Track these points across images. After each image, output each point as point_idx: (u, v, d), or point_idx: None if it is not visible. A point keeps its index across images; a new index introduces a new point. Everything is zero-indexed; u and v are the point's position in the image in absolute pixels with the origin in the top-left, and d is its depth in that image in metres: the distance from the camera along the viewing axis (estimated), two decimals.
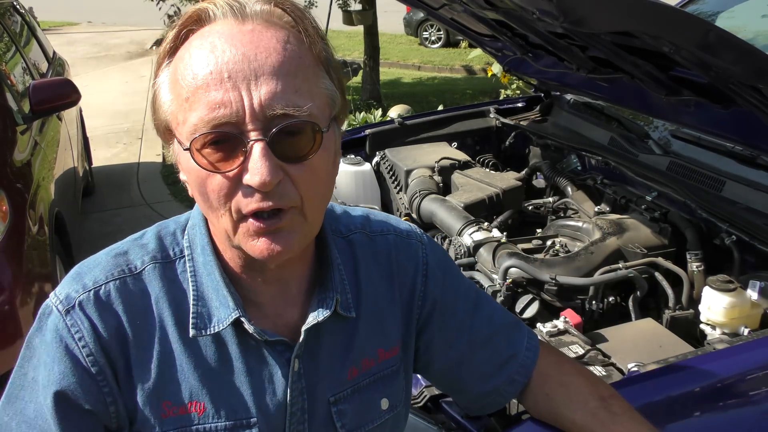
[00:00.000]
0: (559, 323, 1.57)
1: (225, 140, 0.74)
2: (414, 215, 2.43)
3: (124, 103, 8.17)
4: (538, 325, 1.57)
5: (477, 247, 1.99)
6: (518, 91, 5.42)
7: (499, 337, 1.06)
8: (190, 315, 0.85)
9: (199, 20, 0.78)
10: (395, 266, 1.00)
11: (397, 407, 0.99)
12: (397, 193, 2.64)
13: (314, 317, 0.88)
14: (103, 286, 0.84)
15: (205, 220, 0.87)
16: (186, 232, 0.90)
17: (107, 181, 5.66)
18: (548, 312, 1.78)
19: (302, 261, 0.90)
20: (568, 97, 2.88)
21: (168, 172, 5.71)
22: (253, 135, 0.73)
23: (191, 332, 0.84)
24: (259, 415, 0.87)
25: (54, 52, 5.29)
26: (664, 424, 1.18)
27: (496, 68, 5.01)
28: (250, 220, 0.77)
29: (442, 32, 12.52)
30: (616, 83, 2.22)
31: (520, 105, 3.15)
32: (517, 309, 1.75)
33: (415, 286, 1.01)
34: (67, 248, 3.28)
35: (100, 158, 6.10)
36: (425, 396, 1.46)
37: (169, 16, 6.59)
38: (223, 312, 0.85)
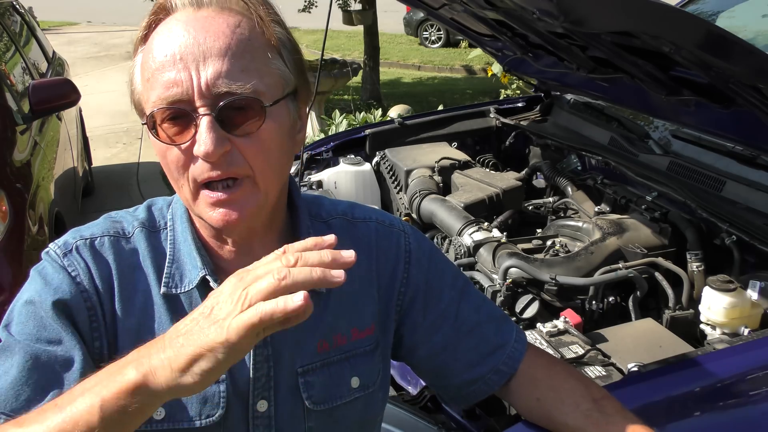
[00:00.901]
0: (559, 323, 1.57)
1: (179, 116, 0.82)
2: (414, 215, 2.42)
3: (124, 103, 8.11)
4: (538, 325, 1.57)
5: (477, 247, 1.98)
6: (518, 91, 5.42)
7: (487, 326, 1.08)
8: (164, 275, 0.92)
9: (164, 10, 0.86)
10: (375, 252, 1.03)
11: (369, 387, 1.01)
12: (397, 193, 2.64)
13: None
14: (99, 238, 0.92)
15: None
16: (171, 206, 0.98)
17: (107, 181, 5.66)
18: (548, 312, 1.78)
19: (270, 232, 0.95)
20: (568, 97, 2.88)
21: None
22: (201, 110, 0.81)
23: (162, 289, 0.92)
24: (227, 374, 0.90)
25: (54, 52, 5.29)
26: (664, 424, 1.18)
27: (496, 68, 5.01)
28: (206, 191, 0.84)
29: (442, 32, 12.53)
30: (616, 83, 2.22)
31: (520, 105, 3.15)
32: (517, 309, 1.75)
33: (396, 273, 1.04)
34: None
35: (100, 158, 6.10)
36: (425, 396, 1.47)
37: None
38: (194, 273, 0.92)
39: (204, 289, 0.92)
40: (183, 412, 0.89)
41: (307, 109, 0.98)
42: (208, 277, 0.91)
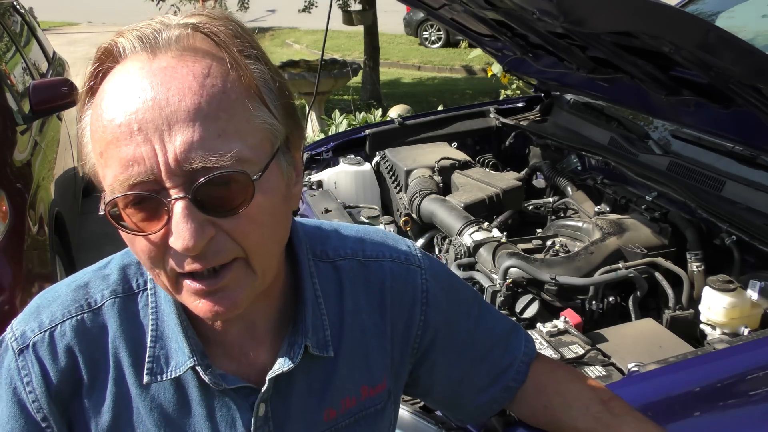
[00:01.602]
0: (559, 323, 1.57)
1: (146, 200, 0.66)
2: (414, 215, 2.42)
3: None
4: (538, 325, 1.57)
5: (477, 247, 1.98)
6: (518, 91, 5.42)
7: (498, 348, 1.02)
8: (146, 358, 0.79)
9: (112, 56, 0.69)
10: (390, 296, 0.92)
11: None
12: (397, 193, 2.64)
13: (280, 366, 0.81)
14: (59, 326, 0.79)
15: None
16: None
17: None
18: (548, 312, 1.78)
19: (268, 298, 0.82)
20: (568, 97, 2.88)
21: None
22: (173, 193, 0.65)
23: (145, 378, 0.79)
24: None
25: (54, 52, 5.29)
26: (664, 424, 1.18)
27: (496, 68, 5.01)
28: (187, 280, 0.70)
29: (442, 32, 12.52)
30: (616, 83, 2.22)
31: (520, 105, 3.15)
32: (517, 309, 1.75)
33: (413, 317, 0.94)
34: (67, 248, 3.28)
35: None
36: None
37: None
38: (180, 357, 0.79)
39: (194, 374, 0.80)
40: None
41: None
42: (198, 368, 0.79)
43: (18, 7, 4.81)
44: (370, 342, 0.90)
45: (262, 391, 0.81)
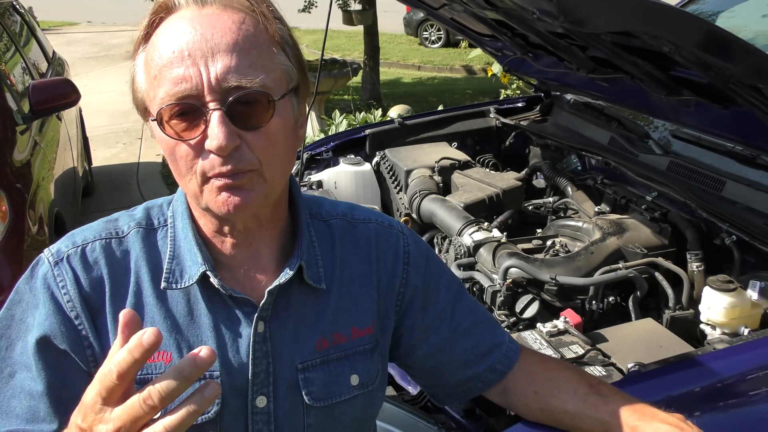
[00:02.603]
0: (559, 323, 1.57)
1: (188, 112, 0.82)
2: (414, 215, 2.43)
3: (124, 103, 8.16)
4: (538, 325, 1.57)
5: (477, 247, 1.99)
6: (518, 91, 5.42)
7: (483, 327, 1.11)
8: (164, 271, 0.93)
9: (167, 8, 0.86)
10: (375, 252, 1.04)
11: (368, 386, 1.01)
12: (397, 193, 2.64)
13: (278, 280, 0.93)
14: (90, 244, 0.93)
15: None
16: (171, 204, 0.98)
17: (107, 181, 5.66)
18: (548, 312, 1.78)
19: (271, 227, 0.96)
20: (568, 97, 2.88)
21: (168, 171, 5.70)
22: (211, 105, 0.81)
23: (162, 284, 0.92)
24: (223, 370, 0.92)
25: (54, 52, 5.29)
26: None
27: (496, 68, 5.01)
28: (213, 179, 0.84)
29: (442, 32, 12.53)
30: (616, 83, 2.22)
31: (520, 105, 3.15)
32: (517, 309, 1.75)
33: (396, 273, 1.05)
34: None
35: (100, 158, 6.10)
36: (425, 396, 1.47)
37: None
38: (194, 269, 0.92)
39: (204, 284, 0.92)
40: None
41: (307, 109, 1.00)
42: (208, 273, 0.91)
43: (18, 7, 4.81)
44: (359, 289, 1.02)
45: (261, 305, 0.92)
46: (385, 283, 1.04)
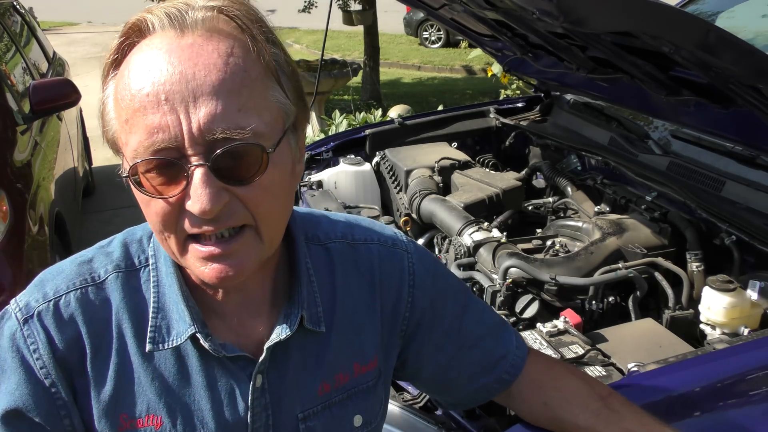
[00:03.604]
0: (559, 323, 1.57)
1: (167, 165, 0.71)
2: (414, 215, 2.43)
3: None
4: (538, 325, 1.57)
5: (477, 247, 1.99)
6: (518, 91, 5.42)
7: (489, 338, 1.04)
8: (148, 328, 0.83)
9: (139, 31, 0.74)
10: (378, 276, 0.96)
11: (371, 424, 0.96)
12: (397, 193, 2.64)
13: (277, 335, 0.85)
14: (63, 296, 0.82)
15: None
16: (152, 240, 0.87)
17: (107, 181, 5.65)
18: (548, 312, 1.78)
19: (265, 270, 0.86)
20: (568, 97, 2.88)
21: None
22: (194, 160, 0.70)
23: (147, 346, 0.82)
24: (219, 430, 0.85)
25: (54, 52, 5.29)
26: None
27: (496, 68, 5.01)
28: (196, 244, 0.74)
29: (442, 32, 12.53)
30: (616, 83, 2.22)
31: (520, 105, 3.15)
32: (517, 309, 1.75)
33: (401, 297, 0.97)
34: (67, 248, 3.28)
35: (100, 158, 6.10)
36: (425, 396, 1.47)
37: None
38: (182, 326, 0.82)
39: (195, 343, 0.83)
40: None
41: (306, 138, 0.92)
42: (198, 335, 0.82)
43: (18, 7, 4.81)
44: (361, 319, 0.94)
45: (260, 360, 0.84)
46: (389, 309, 0.97)
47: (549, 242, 2.07)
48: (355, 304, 0.94)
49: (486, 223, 2.14)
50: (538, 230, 2.27)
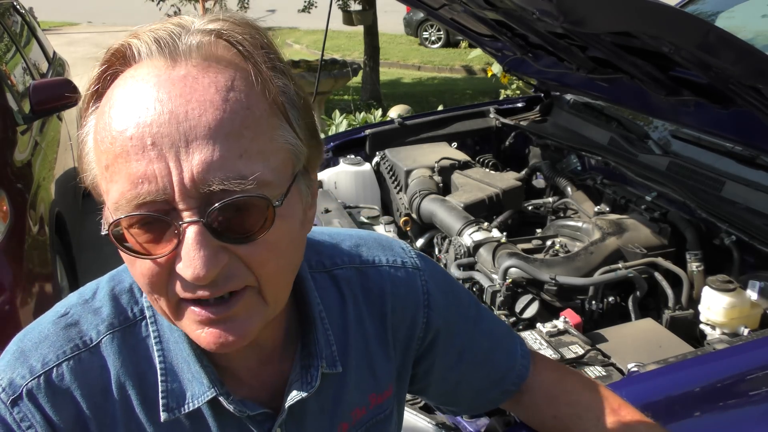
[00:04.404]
0: (559, 323, 1.57)
1: (154, 221, 0.60)
2: (414, 215, 2.43)
3: None
4: (538, 325, 1.57)
5: (477, 247, 1.99)
6: (518, 91, 5.42)
7: (497, 351, 1.01)
8: (160, 393, 0.73)
9: (123, 59, 0.63)
10: (391, 302, 0.89)
11: None
12: (397, 193, 2.64)
13: (297, 392, 0.77)
14: (54, 369, 0.70)
15: None
16: None
17: None
18: (548, 312, 1.78)
19: (274, 322, 0.75)
20: (568, 97, 2.88)
21: None
22: (185, 216, 0.59)
23: (163, 416, 0.72)
24: None
25: (54, 53, 5.29)
26: (664, 424, 1.18)
27: (496, 68, 5.01)
28: (192, 307, 0.64)
29: (442, 32, 12.53)
30: (616, 83, 2.22)
31: (520, 105, 3.15)
32: (517, 309, 1.75)
33: (416, 320, 0.91)
34: (68, 248, 3.28)
35: None
36: None
37: (169, 17, 6.60)
38: (198, 388, 0.73)
39: (213, 404, 0.74)
40: None
41: (319, 180, 0.82)
42: (220, 398, 0.73)
43: (18, 7, 4.81)
44: (374, 350, 0.88)
45: (280, 419, 0.78)
46: (403, 334, 0.91)
47: (549, 242, 2.08)
48: (367, 336, 0.87)
49: (486, 223, 2.14)
50: (538, 230, 2.27)
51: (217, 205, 0.59)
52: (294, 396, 0.77)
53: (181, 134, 0.58)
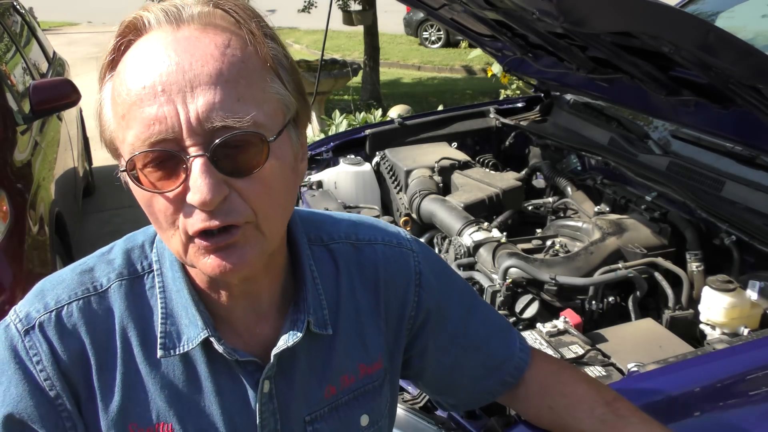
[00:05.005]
0: (559, 323, 1.57)
1: (165, 159, 0.69)
2: (414, 215, 2.43)
3: None
4: (538, 325, 1.57)
5: (477, 247, 1.99)
6: (518, 91, 5.42)
7: (494, 339, 1.04)
8: (158, 334, 0.81)
9: (135, 30, 0.73)
10: (383, 278, 0.95)
11: (378, 422, 0.96)
12: (397, 193, 2.64)
13: (284, 341, 0.84)
14: (65, 307, 0.80)
15: None
16: (155, 244, 0.86)
17: (107, 181, 5.65)
18: (548, 312, 1.78)
19: (271, 274, 0.85)
20: (568, 97, 2.88)
21: None
22: (192, 150, 0.68)
23: (159, 353, 0.81)
24: (231, 431, 0.84)
25: (54, 53, 5.29)
26: (664, 424, 1.18)
27: (496, 68, 5.01)
28: (198, 239, 0.72)
29: (442, 32, 12.53)
30: (616, 83, 2.22)
31: (520, 105, 3.15)
32: (517, 309, 1.75)
33: (407, 297, 0.97)
34: (68, 248, 3.28)
35: (101, 158, 6.09)
36: (425, 396, 1.47)
37: None
38: (193, 331, 0.81)
39: (205, 347, 0.82)
40: None
41: (308, 138, 0.91)
42: (211, 339, 0.81)
43: (18, 7, 4.81)
44: (365, 321, 0.93)
45: (267, 367, 0.84)
46: (395, 311, 0.96)
47: (549, 242, 2.08)
48: (359, 307, 0.93)
49: (486, 223, 2.14)
50: (538, 230, 2.27)
51: (218, 140, 0.68)
52: (281, 345, 0.84)
53: (186, 81, 0.68)
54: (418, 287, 0.97)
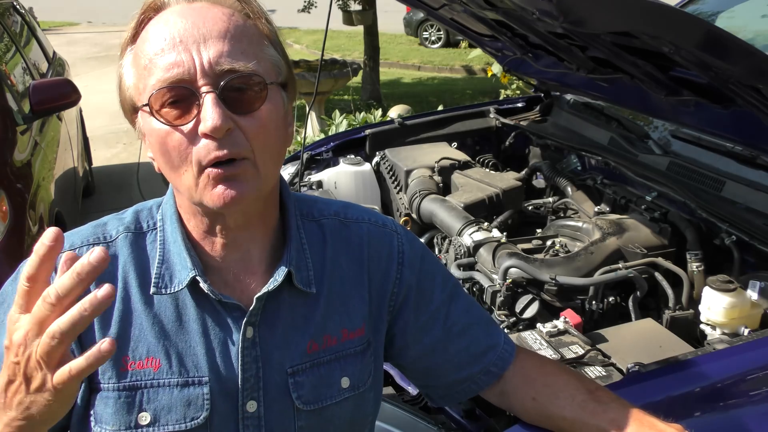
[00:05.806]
0: (559, 323, 1.57)
1: (180, 99, 0.83)
2: (414, 215, 2.43)
3: None
4: (538, 325, 1.57)
5: (477, 247, 1.99)
6: (518, 91, 5.42)
7: (477, 328, 1.10)
8: (153, 276, 0.92)
9: (155, 8, 0.88)
10: (367, 253, 1.03)
11: (359, 387, 1.01)
12: (397, 193, 2.64)
13: (266, 288, 0.92)
14: (77, 249, 0.92)
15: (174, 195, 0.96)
16: (161, 208, 0.98)
17: (107, 181, 5.66)
18: (548, 312, 1.78)
19: (261, 226, 0.95)
20: (568, 97, 2.88)
21: None
22: (204, 89, 0.82)
23: (152, 290, 0.91)
24: (212, 375, 0.91)
25: (54, 52, 5.29)
26: None
27: (496, 68, 5.01)
28: (209, 168, 0.84)
29: (442, 32, 12.53)
30: (616, 83, 2.22)
31: (520, 105, 3.15)
32: (517, 309, 1.75)
33: (389, 273, 1.04)
34: None
35: (100, 158, 6.11)
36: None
37: None
38: (183, 273, 0.91)
39: (193, 289, 0.92)
40: (168, 415, 0.90)
41: (295, 109, 1.00)
42: (198, 278, 0.91)
43: (18, 7, 4.81)
44: (350, 291, 1.01)
45: (249, 311, 0.92)
46: (378, 284, 1.04)
47: (549, 242, 2.07)
48: (344, 277, 1.01)
49: (486, 223, 2.14)
50: (538, 230, 2.27)
51: (226, 80, 0.83)
52: (263, 290, 0.92)
53: (200, 35, 0.83)
54: (401, 265, 1.05)
